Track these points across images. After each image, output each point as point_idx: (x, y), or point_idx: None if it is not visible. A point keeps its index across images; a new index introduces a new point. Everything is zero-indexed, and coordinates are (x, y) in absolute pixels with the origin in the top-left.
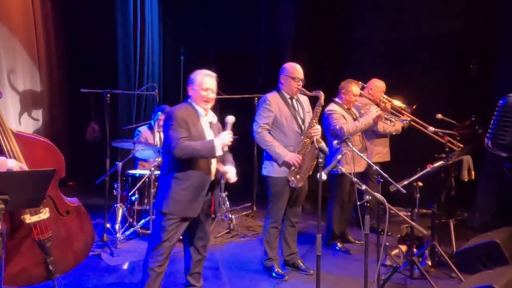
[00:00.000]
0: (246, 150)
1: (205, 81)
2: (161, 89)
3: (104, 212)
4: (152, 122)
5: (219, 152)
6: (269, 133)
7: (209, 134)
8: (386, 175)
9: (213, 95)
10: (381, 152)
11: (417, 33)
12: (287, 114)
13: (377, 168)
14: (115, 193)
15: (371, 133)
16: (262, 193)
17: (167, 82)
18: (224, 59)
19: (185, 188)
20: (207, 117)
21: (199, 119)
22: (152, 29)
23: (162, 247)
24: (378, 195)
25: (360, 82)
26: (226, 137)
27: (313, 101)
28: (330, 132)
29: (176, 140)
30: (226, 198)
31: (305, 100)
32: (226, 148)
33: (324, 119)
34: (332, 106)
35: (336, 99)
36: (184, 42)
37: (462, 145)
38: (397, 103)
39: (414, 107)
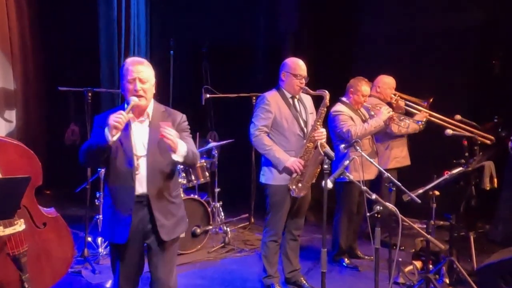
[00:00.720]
0: (242, 155)
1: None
2: None
3: (84, 224)
4: None
5: (109, 137)
6: (268, 136)
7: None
8: (398, 183)
9: None
10: (399, 156)
11: (434, 26)
12: (288, 115)
13: (389, 175)
14: (97, 203)
15: (384, 135)
16: (260, 203)
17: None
18: (219, 54)
19: (109, 206)
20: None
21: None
22: (138, 20)
23: (118, 285)
24: (390, 205)
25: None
26: (114, 117)
27: (317, 101)
28: (336, 135)
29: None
30: (221, 209)
31: (308, 100)
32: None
33: (329, 121)
34: (338, 107)
35: (343, 99)
36: (174, 35)
37: (490, 141)
38: (413, 98)
39: (431, 100)
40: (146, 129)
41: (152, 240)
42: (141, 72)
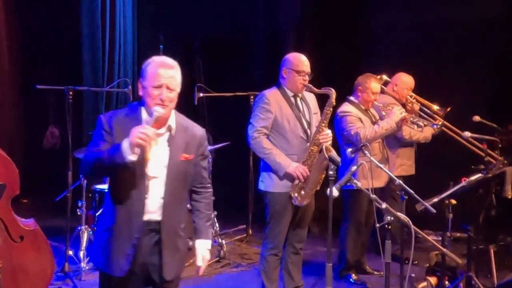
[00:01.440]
0: (239, 159)
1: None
2: (135, 84)
3: (65, 236)
4: None
5: (128, 156)
6: (268, 138)
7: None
8: (411, 191)
9: None
10: (405, 164)
11: (451, 18)
12: (289, 115)
13: (401, 182)
14: (79, 213)
15: (394, 140)
16: (259, 212)
17: None
18: (213, 48)
19: (108, 229)
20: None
21: None
22: (124, 12)
23: None
24: (402, 216)
25: (383, 76)
26: (136, 130)
27: (322, 100)
28: (343, 138)
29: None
30: (215, 219)
31: (312, 98)
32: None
33: (336, 123)
34: (346, 107)
35: (351, 98)
36: (163, 28)
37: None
38: (429, 104)
39: (449, 109)
40: (165, 144)
41: (153, 277)
42: (171, 79)
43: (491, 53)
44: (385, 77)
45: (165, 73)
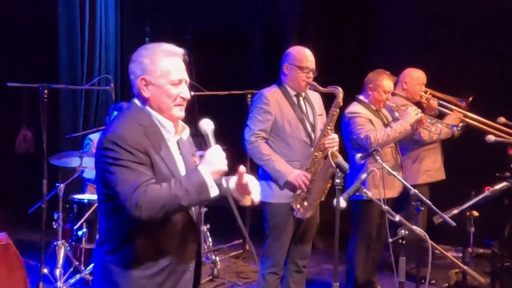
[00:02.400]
0: (235, 166)
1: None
2: (118, 82)
3: (40, 252)
4: None
5: (214, 190)
6: (267, 143)
7: (179, 162)
8: (428, 201)
9: None
10: (431, 168)
11: (470, 7)
12: (291, 117)
13: (416, 191)
14: (55, 226)
15: (412, 144)
16: (257, 225)
17: (127, 73)
18: (205, 42)
19: (149, 276)
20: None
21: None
22: (105, 1)
23: None
24: (418, 229)
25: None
26: (217, 158)
27: (328, 100)
28: (351, 143)
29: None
30: (208, 233)
31: (316, 98)
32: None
33: (343, 125)
34: (354, 107)
35: (361, 97)
36: (150, 19)
37: None
38: (448, 97)
39: (471, 99)
40: (177, 152)
41: None
42: (185, 71)
43: None
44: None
45: (181, 64)
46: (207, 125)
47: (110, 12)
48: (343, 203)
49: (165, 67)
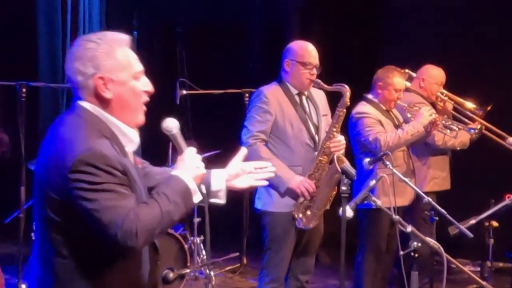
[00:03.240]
0: None
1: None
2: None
3: (17, 266)
4: None
5: (198, 196)
6: (266, 145)
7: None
8: (443, 210)
9: None
10: (438, 176)
11: None
12: (293, 117)
13: (430, 200)
14: (34, 237)
15: (423, 147)
16: (255, 237)
17: None
18: (199, 35)
19: None
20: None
21: None
22: None
23: None
24: (432, 241)
25: (406, 70)
26: (195, 161)
27: (334, 99)
28: (359, 146)
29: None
30: (202, 245)
31: (320, 97)
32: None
33: (350, 126)
34: (363, 107)
35: (369, 96)
36: (138, 11)
37: None
38: (465, 103)
39: (489, 108)
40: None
41: None
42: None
43: None
44: (408, 71)
45: (134, 54)
46: (173, 124)
47: (94, 4)
48: (350, 213)
49: (124, 58)
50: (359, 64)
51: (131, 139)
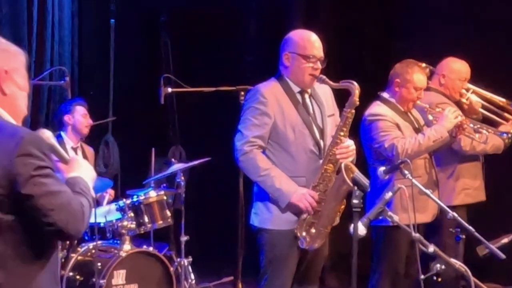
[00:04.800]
0: (224, 183)
1: None
2: (75, 75)
3: None
4: (61, 131)
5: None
6: (264, 153)
7: None
8: (471, 227)
9: None
10: (470, 186)
11: None
12: (295, 120)
13: (456, 215)
14: None
15: (450, 154)
16: (252, 258)
17: (86, 64)
18: (186, 25)
19: None
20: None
21: None
22: None
23: None
24: (458, 263)
25: (423, 65)
26: (86, 166)
27: (341, 98)
28: (373, 153)
29: None
30: (190, 268)
31: (326, 94)
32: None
33: (363, 131)
34: (377, 108)
35: (385, 95)
36: None
37: None
38: (496, 98)
39: None
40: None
41: None
42: None
43: None
44: (427, 66)
45: None
46: (48, 134)
47: None
48: (362, 230)
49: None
50: (373, 58)
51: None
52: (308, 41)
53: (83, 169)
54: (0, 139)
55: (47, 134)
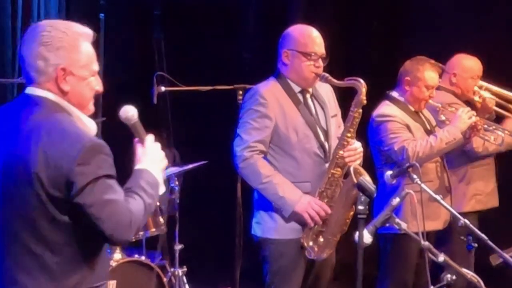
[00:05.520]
0: (221, 188)
1: None
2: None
3: None
4: None
5: (162, 188)
6: (265, 158)
7: None
8: (484, 235)
9: None
10: (482, 191)
11: None
12: (298, 121)
13: (467, 222)
14: None
15: (460, 156)
16: (250, 268)
17: None
18: (182, 18)
19: None
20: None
21: None
22: None
23: None
24: (470, 273)
25: (433, 62)
26: (159, 153)
27: (346, 97)
28: (381, 156)
29: None
30: (185, 279)
31: (327, 93)
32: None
33: (371, 133)
34: (386, 108)
35: (394, 94)
36: None
37: None
38: (506, 93)
39: None
40: None
41: None
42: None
43: None
44: (440, 65)
45: (91, 48)
46: (132, 112)
47: None
48: (368, 238)
49: (88, 55)
50: (381, 55)
51: (90, 129)
52: (309, 38)
53: (153, 159)
54: (64, 145)
55: (132, 112)
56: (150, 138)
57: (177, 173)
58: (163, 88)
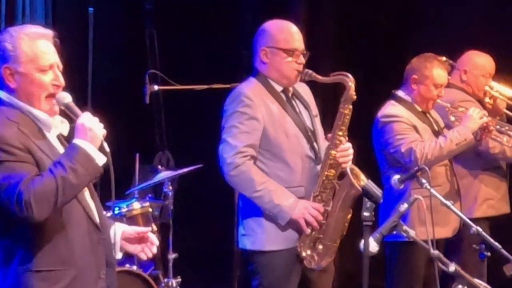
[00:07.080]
0: (216, 193)
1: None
2: None
3: None
4: None
5: (101, 159)
6: (255, 163)
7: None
8: (497, 244)
9: None
10: (494, 197)
11: None
12: (286, 123)
13: (480, 230)
14: None
15: (473, 159)
16: (248, 277)
17: (61, 58)
18: (175, 13)
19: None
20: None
21: None
22: None
23: None
24: (482, 284)
25: (444, 59)
26: (91, 123)
27: (334, 94)
28: (387, 159)
29: None
30: None
31: (306, 92)
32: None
33: (376, 134)
34: (392, 108)
35: (400, 94)
36: None
37: None
38: None
39: None
40: (59, 146)
41: None
42: (55, 53)
43: None
44: (447, 60)
45: (47, 46)
46: (64, 96)
47: None
48: (374, 247)
49: (31, 51)
50: (386, 51)
51: (46, 124)
52: (288, 33)
53: (81, 132)
54: None
55: (63, 95)
56: (85, 113)
57: (171, 177)
58: (156, 87)
